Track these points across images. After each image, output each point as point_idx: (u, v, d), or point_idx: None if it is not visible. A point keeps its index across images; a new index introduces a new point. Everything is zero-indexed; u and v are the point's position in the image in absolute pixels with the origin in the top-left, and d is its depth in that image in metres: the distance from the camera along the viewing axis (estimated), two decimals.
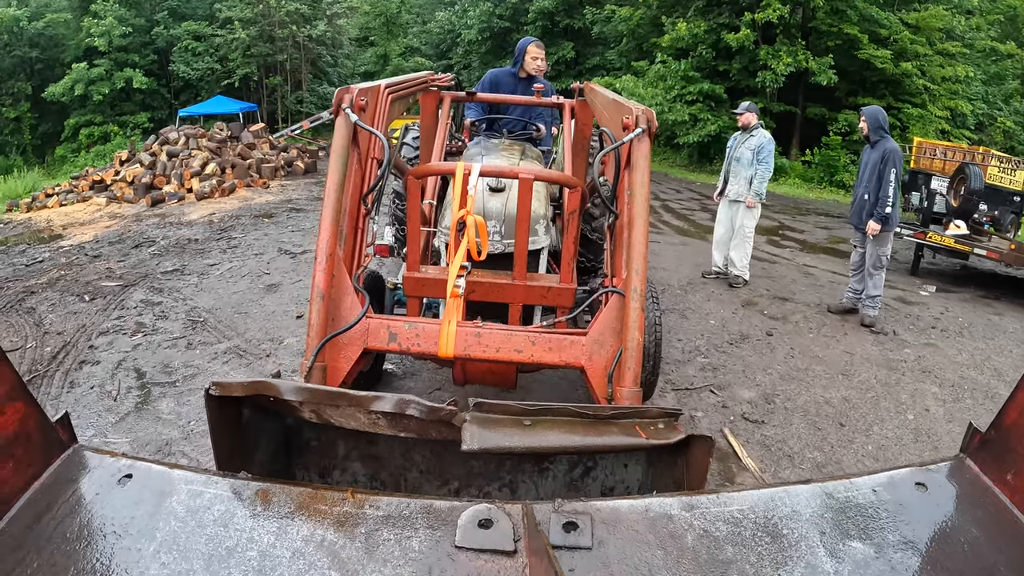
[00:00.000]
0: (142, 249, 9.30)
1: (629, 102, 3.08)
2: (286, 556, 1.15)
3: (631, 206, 2.63)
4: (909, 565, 1.14)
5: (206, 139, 16.36)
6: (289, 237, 9.72)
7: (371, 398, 1.59)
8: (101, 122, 28.56)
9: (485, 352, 2.71)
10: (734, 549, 1.18)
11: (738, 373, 5.21)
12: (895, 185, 6.05)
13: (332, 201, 2.63)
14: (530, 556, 1.13)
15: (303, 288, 6.97)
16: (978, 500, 1.25)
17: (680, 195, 16.12)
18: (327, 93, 29.99)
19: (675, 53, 21.29)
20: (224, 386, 1.64)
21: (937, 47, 19.62)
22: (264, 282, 7.30)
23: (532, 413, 1.63)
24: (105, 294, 6.91)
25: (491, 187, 3.60)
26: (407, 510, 1.25)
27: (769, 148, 7.25)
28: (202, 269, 7.87)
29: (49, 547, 1.13)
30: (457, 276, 2.66)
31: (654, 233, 10.94)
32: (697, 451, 1.67)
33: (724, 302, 7.07)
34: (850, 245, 6.80)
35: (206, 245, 9.31)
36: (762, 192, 7.31)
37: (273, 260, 8.32)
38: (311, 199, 13.51)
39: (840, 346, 5.94)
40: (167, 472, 1.30)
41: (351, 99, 2.78)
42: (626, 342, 2.43)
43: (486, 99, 5.40)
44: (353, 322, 2.63)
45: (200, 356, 5.22)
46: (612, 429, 1.69)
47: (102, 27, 26.86)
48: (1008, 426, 1.24)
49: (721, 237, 7.88)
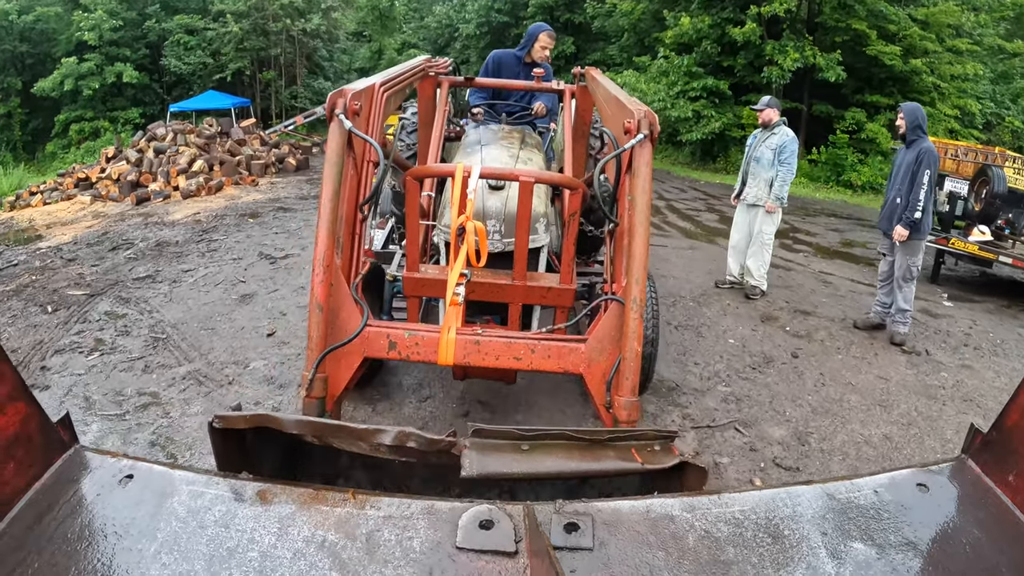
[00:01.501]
0: (119, 252, 8.88)
1: (631, 100, 3.02)
2: (287, 556, 1.14)
3: (632, 214, 2.58)
4: (911, 566, 1.14)
5: (194, 135, 15.86)
6: (272, 240, 9.21)
7: (372, 431, 1.62)
8: (92, 118, 28.00)
9: (484, 360, 2.74)
10: (735, 550, 1.17)
11: (765, 405, 4.67)
12: (928, 189, 5.54)
13: (328, 211, 2.58)
14: (531, 557, 1.14)
15: (279, 299, 6.47)
16: (980, 501, 1.24)
17: (684, 194, 15.58)
18: (322, 88, 29.48)
19: (678, 48, 20.70)
20: (227, 419, 1.63)
21: (947, 43, 19.07)
22: (238, 292, 6.77)
23: (530, 438, 1.65)
24: (70, 304, 6.39)
25: (491, 185, 3.53)
26: (408, 511, 1.24)
27: (792, 148, 6.71)
28: (175, 276, 7.34)
29: (50, 548, 1.12)
30: (456, 284, 2.64)
31: (660, 236, 10.43)
32: (691, 478, 1.68)
33: (742, 316, 6.53)
34: (865, 249, 6.30)
35: (185, 248, 8.81)
36: (783, 196, 6.75)
37: (252, 266, 7.80)
38: (300, 198, 12.99)
39: (873, 370, 5.40)
40: (168, 473, 1.30)
41: (344, 103, 2.70)
42: (625, 352, 2.44)
43: (485, 84, 5.32)
44: (352, 336, 2.63)
45: (157, 381, 4.69)
46: (609, 453, 1.71)
47: (92, 20, 26.29)
48: (1010, 427, 1.24)
49: (737, 244, 7.29)
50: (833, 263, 9.34)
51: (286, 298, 6.55)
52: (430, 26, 34.83)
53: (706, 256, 9.12)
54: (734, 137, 19.96)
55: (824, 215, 13.79)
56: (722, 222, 12.00)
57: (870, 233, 11.94)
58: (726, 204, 13.84)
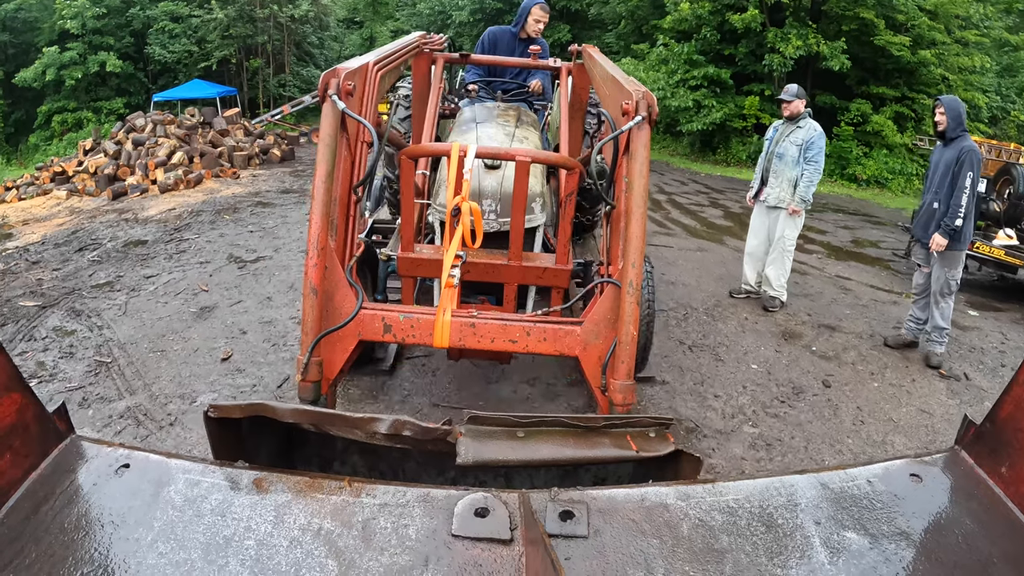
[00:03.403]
0: (85, 253, 8.35)
1: (629, 80, 2.96)
2: (283, 544, 1.14)
3: (629, 197, 2.56)
4: (903, 556, 1.15)
5: (175, 126, 15.21)
6: (245, 240, 8.60)
7: (367, 420, 1.63)
8: (75, 108, 27.05)
9: (480, 343, 2.71)
10: (729, 538, 1.18)
11: (800, 451, 4.07)
12: (970, 193, 4.96)
13: (322, 192, 2.56)
14: (526, 544, 1.15)
15: (240, 313, 5.86)
16: (972, 492, 1.26)
17: (685, 187, 14.97)
18: (312, 76, 28.73)
19: (677, 36, 20.01)
20: (222, 408, 1.64)
21: (956, 35, 18.47)
22: (198, 303, 6.15)
23: (525, 425, 1.69)
24: (19, 318, 5.79)
25: (487, 164, 3.47)
26: (404, 498, 1.25)
27: (820, 144, 6.03)
28: (136, 283, 6.73)
29: (47, 538, 1.12)
30: (452, 265, 2.59)
31: (664, 235, 9.88)
32: (686, 466, 1.69)
33: (762, 334, 5.93)
34: (878, 249, 5.74)
35: (152, 249, 8.22)
36: (809, 198, 6.10)
37: (218, 271, 7.19)
38: (281, 191, 12.36)
39: (913, 401, 4.84)
40: (164, 461, 1.30)
41: (338, 84, 2.66)
42: (621, 335, 2.44)
43: (480, 61, 5.25)
44: (348, 319, 2.60)
45: (92, 419, 4.10)
46: (604, 440, 1.73)
47: (74, 8, 25.37)
48: (1003, 419, 1.25)
49: (755, 249, 6.60)
50: (849, 266, 8.80)
51: (249, 311, 5.93)
52: (422, 13, 34.09)
53: (716, 259, 8.54)
54: (735, 128, 19.38)
55: (831, 210, 13.25)
56: (727, 219, 11.42)
57: (879, 231, 11.39)
58: (730, 198, 13.27)
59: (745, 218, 11.46)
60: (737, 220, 11.18)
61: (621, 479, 1.99)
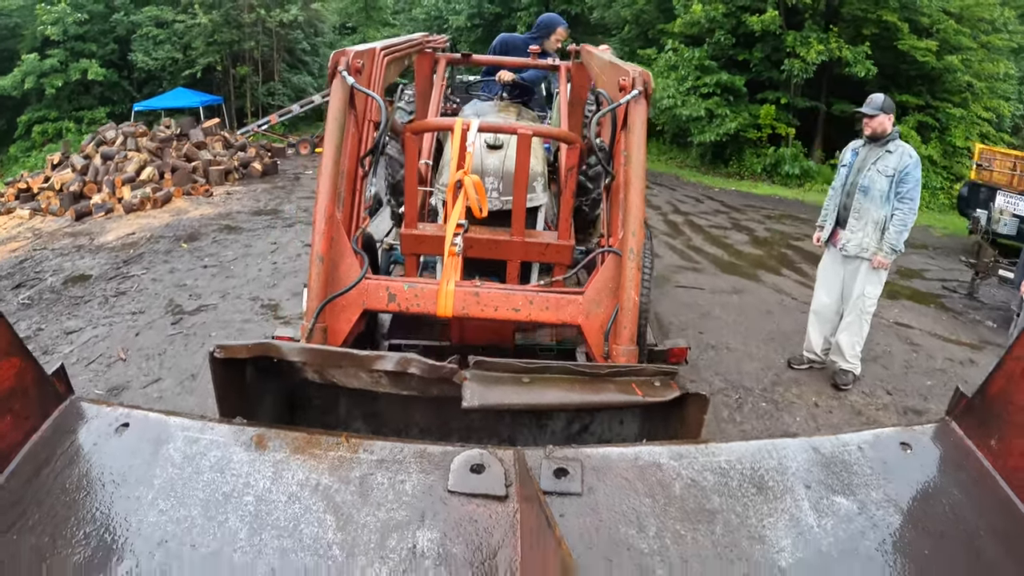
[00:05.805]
0: (20, 291, 7.39)
1: (626, 64, 3.00)
2: (282, 500, 1.15)
3: (628, 169, 2.61)
4: (890, 522, 1.15)
5: (147, 138, 14.06)
6: (195, 279, 7.46)
7: (373, 357, 1.61)
8: (56, 118, 25.94)
9: (483, 311, 2.69)
10: (720, 499, 1.18)
11: None
12: None
13: (330, 164, 2.58)
14: (521, 501, 1.16)
15: (154, 397, 4.66)
16: (961, 463, 1.25)
17: (701, 205, 13.77)
18: (304, 84, 27.63)
19: (687, 40, 18.84)
20: (229, 348, 1.63)
21: (981, 39, 17.39)
22: (107, 380, 4.97)
23: (531, 371, 1.69)
24: None
25: (489, 144, 3.52)
26: (401, 455, 1.25)
27: (916, 176, 4.72)
28: (51, 341, 5.64)
29: (49, 499, 1.12)
30: (454, 235, 2.59)
31: (690, 270, 8.72)
32: (692, 408, 1.69)
33: (840, 427, 4.63)
34: (925, 281, 4.69)
35: (91, 290, 7.12)
36: (900, 247, 4.80)
37: (148, 327, 6.06)
38: (254, 212, 11.20)
39: None
40: (163, 419, 1.30)
41: (347, 61, 2.67)
42: (622, 301, 2.46)
43: (482, 61, 5.41)
44: (352, 284, 2.58)
45: None
46: (609, 386, 1.72)
47: (55, 14, 24.30)
48: (994, 393, 1.26)
49: (825, 309, 5.29)
50: (904, 307, 7.62)
51: (164, 396, 4.70)
52: (418, 18, 33.32)
53: (758, 306, 7.24)
54: (749, 139, 18.25)
55: None
56: (755, 245, 10.18)
57: (920, 256, 10.20)
58: (751, 218, 11.98)
59: (777, 246, 10.34)
60: (767, 248, 9.99)
61: (627, 439, 1.98)
